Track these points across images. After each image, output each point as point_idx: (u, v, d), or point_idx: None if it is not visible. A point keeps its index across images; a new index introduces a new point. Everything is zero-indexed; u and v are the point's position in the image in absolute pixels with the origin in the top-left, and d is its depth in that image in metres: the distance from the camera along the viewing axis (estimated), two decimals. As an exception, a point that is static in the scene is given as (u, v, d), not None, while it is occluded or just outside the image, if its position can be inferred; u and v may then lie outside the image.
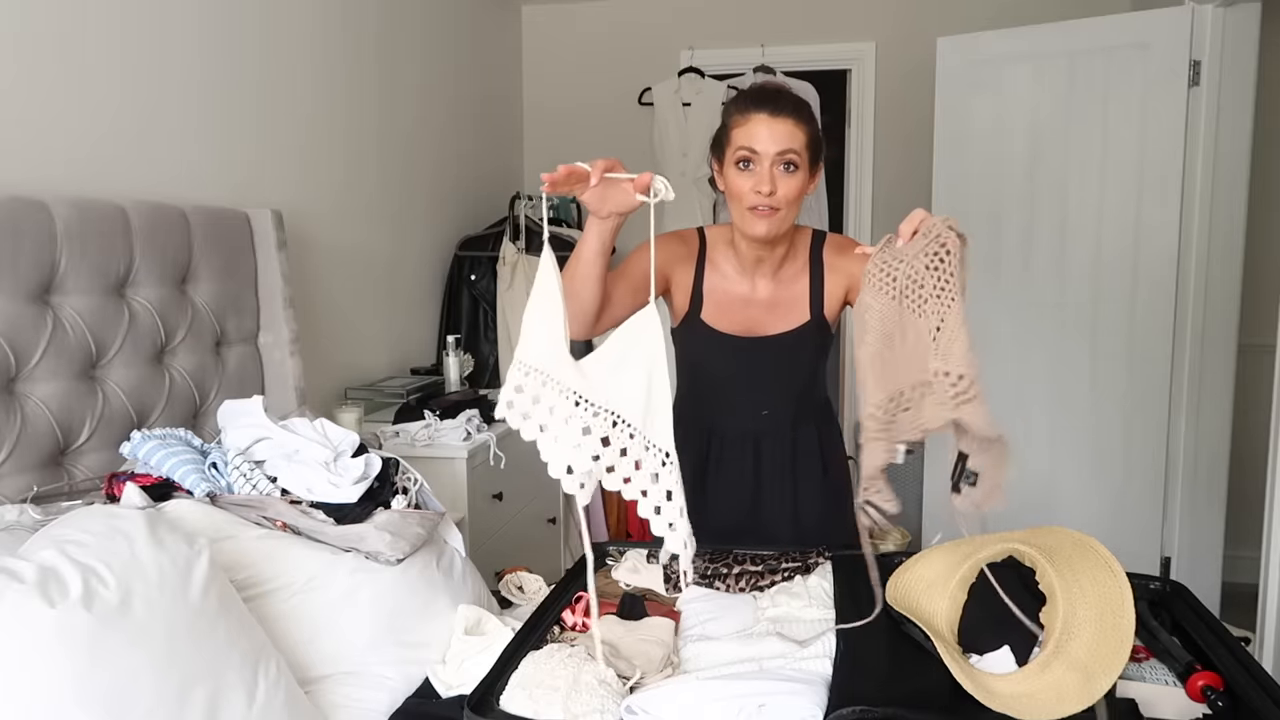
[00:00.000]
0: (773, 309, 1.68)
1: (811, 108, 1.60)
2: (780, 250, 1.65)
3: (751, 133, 1.52)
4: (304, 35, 2.60)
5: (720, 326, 1.68)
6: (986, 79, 3.28)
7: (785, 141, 1.50)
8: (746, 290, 1.68)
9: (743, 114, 1.54)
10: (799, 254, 1.68)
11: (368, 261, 2.97)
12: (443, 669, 1.46)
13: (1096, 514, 3.22)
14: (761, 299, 1.68)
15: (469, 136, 3.72)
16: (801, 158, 1.52)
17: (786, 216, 1.56)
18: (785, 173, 1.52)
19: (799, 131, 1.52)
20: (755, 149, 1.52)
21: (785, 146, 1.51)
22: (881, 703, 1.06)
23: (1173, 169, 3.00)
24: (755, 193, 1.52)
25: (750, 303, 1.68)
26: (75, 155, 1.84)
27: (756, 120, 1.51)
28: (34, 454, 1.56)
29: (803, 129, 1.52)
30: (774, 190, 1.52)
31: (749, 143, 1.52)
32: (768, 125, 1.51)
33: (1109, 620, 1.11)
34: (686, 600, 1.47)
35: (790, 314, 1.67)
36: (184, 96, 2.13)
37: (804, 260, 1.68)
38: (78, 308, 1.65)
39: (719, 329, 1.68)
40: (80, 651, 1.02)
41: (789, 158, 1.51)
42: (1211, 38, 2.90)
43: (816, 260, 1.67)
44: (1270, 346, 2.24)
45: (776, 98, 1.53)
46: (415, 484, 1.71)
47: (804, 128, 1.52)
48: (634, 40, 4.11)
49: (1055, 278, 3.26)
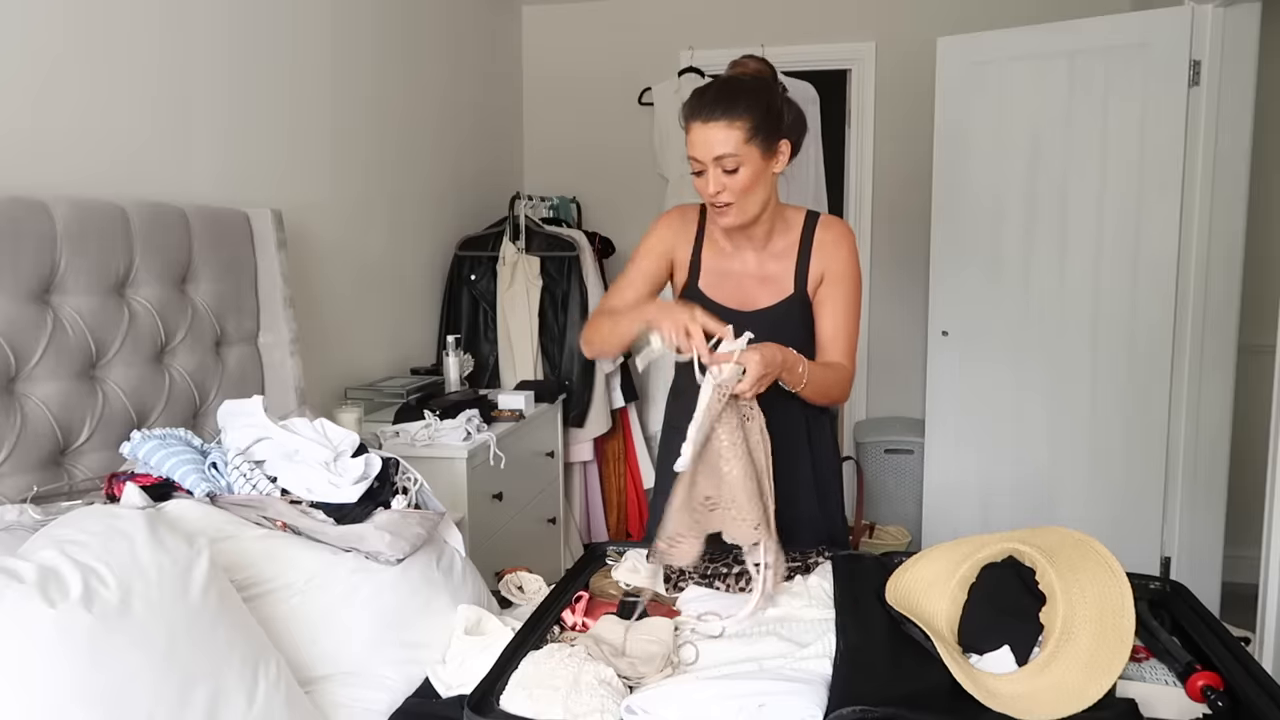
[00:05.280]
0: (762, 282, 1.75)
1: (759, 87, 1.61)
2: (762, 228, 1.72)
3: (693, 141, 1.59)
4: (304, 36, 2.60)
5: (717, 297, 1.75)
6: (986, 79, 3.28)
7: (718, 147, 1.57)
8: (738, 263, 1.76)
9: (685, 123, 1.61)
10: (789, 231, 1.75)
11: (368, 261, 2.97)
12: (443, 669, 1.46)
13: (1096, 514, 3.22)
14: (751, 271, 1.75)
15: (469, 136, 3.72)
16: (741, 155, 1.57)
17: (745, 205, 1.63)
18: (727, 174, 1.59)
19: (733, 131, 1.55)
20: (697, 157, 1.60)
21: (718, 152, 1.57)
22: (881, 703, 1.06)
23: (1173, 169, 3.01)
24: (707, 194, 1.62)
25: (742, 275, 1.76)
26: (75, 155, 1.84)
27: (693, 129, 1.58)
28: (34, 454, 1.56)
29: (739, 125, 1.55)
30: (720, 190, 1.60)
31: (692, 151, 1.60)
32: (702, 133, 1.57)
33: (1109, 620, 1.12)
34: (686, 600, 1.47)
35: (776, 287, 1.74)
36: (184, 97, 2.13)
37: (794, 237, 1.74)
38: (78, 308, 1.65)
39: (715, 299, 1.75)
40: (80, 651, 1.02)
41: (726, 164, 1.58)
42: (1211, 38, 2.90)
43: (808, 235, 1.74)
44: (1270, 347, 2.24)
45: (708, 102, 1.57)
46: (415, 484, 1.71)
47: (739, 122, 1.55)
48: (634, 40, 4.11)
49: (1055, 277, 3.26)
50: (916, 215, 3.79)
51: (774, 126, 1.60)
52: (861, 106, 4.00)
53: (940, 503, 3.58)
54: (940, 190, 3.45)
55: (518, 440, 2.80)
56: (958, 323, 3.46)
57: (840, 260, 1.72)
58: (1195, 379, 3.07)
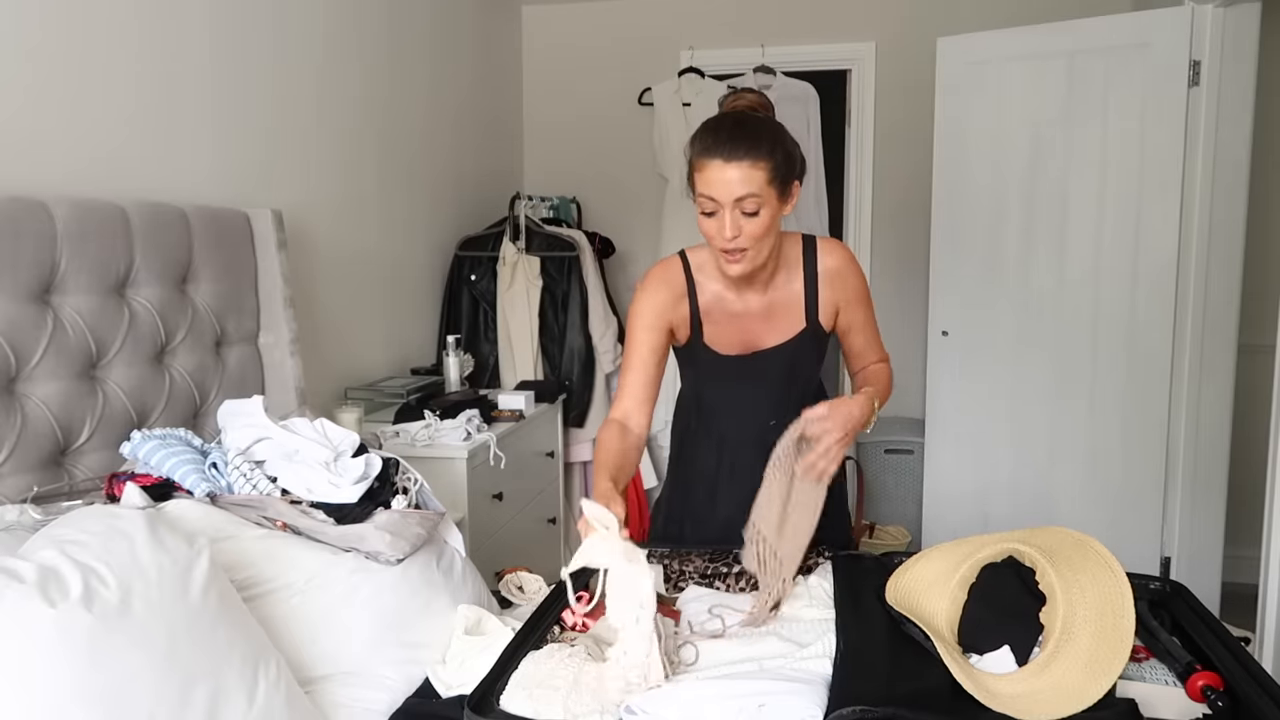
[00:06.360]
0: (768, 319, 1.68)
1: (776, 127, 1.54)
2: (766, 269, 1.63)
3: (709, 180, 1.47)
4: (304, 36, 2.60)
5: (720, 348, 1.68)
6: (986, 79, 3.28)
7: (742, 188, 1.45)
8: (740, 304, 1.67)
9: (700, 159, 1.49)
10: (789, 261, 1.66)
11: (368, 261, 2.97)
12: (443, 669, 1.46)
13: (1096, 514, 3.22)
14: (755, 311, 1.67)
15: (469, 136, 3.72)
16: (763, 196, 1.47)
17: (759, 251, 1.54)
18: (747, 216, 1.48)
19: (756, 171, 1.45)
20: (714, 196, 1.48)
21: (743, 193, 1.46)
22: (881, 703, 1.06)
23: (1173, 169, 3.01)
24: (721, 238, 1.50)
25: (745, 315, 1.67)
26: (75, 155, 1.84)
27: (712, 167, 1.46)
28: (34, 454, 1.56)
29: (762, 165, 1.45)
30: (738, 234, 1.49)
31: (708, 190, 1.48)
32: (722, 172, 1.45)
33: (1109, 620, 1.12)
34: (686, 600, 1.47)
35: (785, 323, 1.68)
36: (185, 97, 2.13)
37: (796, 267, 1.66)
38: (78, 308, 1.65)
39: (719, 350, 1.68)
40: (80, 651, 1.02)
41: (747, 206, 1.47)
42: (1211, 38, 2.90)
43: (810, 266, 1.66)
44: (1270, 346, 2.24)
45: (731, 139, 1.46)
46: (415, 484, 1.71)
47: (763, 163, 1.46)
48: (634, 40, 4.11)
49: (1055, 277, 3.26)
50: (916, 215, 3.79)
51: (791, 167, 1.52)
52: (861, 106, 4.00)
53: (940, 503, 3.58)
54: (940, 190, 3.44)
55: (518, 440, 2.80)
56: (958, 323, 3.46)
57: (853, 288, 1.69)
58: (1195, 379, 3.07)
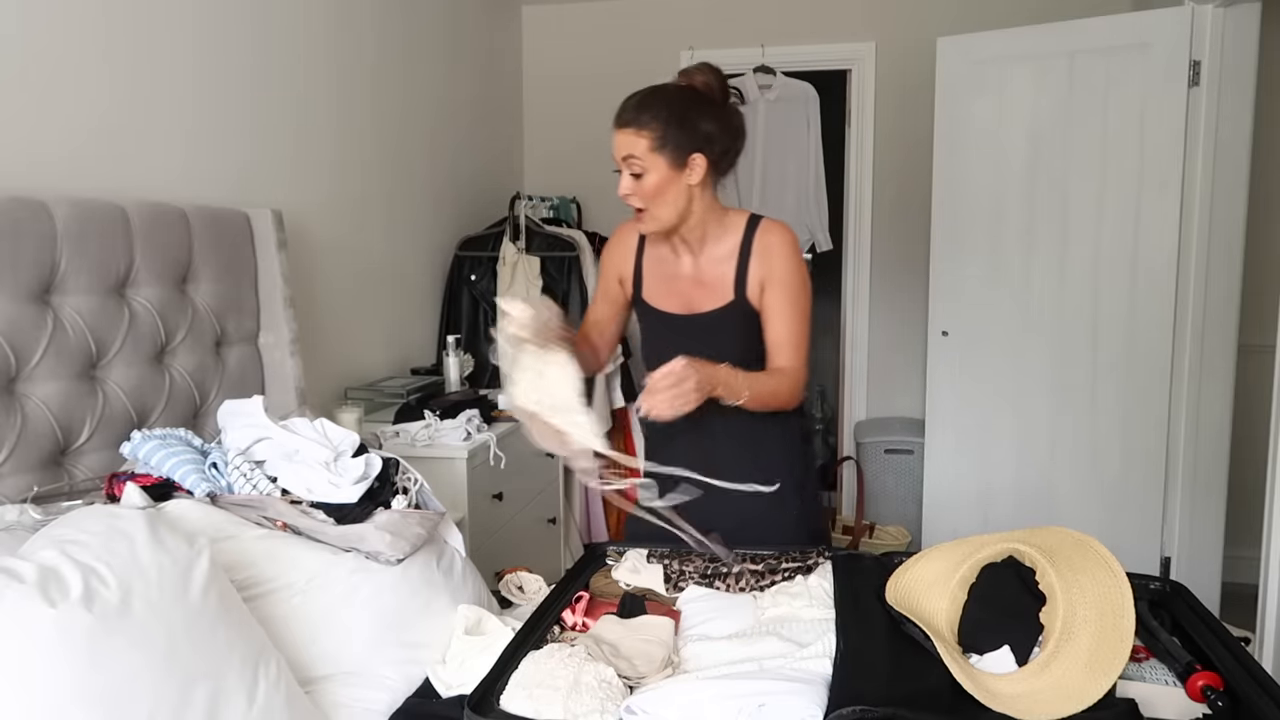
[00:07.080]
0: (700, 284, 1.75)
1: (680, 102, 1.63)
2: (694, 234, 1.72)
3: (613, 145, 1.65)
4: (305, 36, 2.60)
5: (659, 304, 1.78)
6: (986, 79, 3.28)
7: (623, 149, 1.62)
8: (675, 266, 1.78)
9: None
10: (728, 236, 1.73)
11: (368, 261, 2.97)
12: (443, 669, 1.46)
13: (1096, 514, 3.23)
14: (688, 274, 1.76)
15: (469, 136, 3.72)
16: (645, 160, 1.61)
17: (658, 212, 1.66)
18: (634, 178, 1.63)
19: (638, 138, 1.60)
20: (613, 156, 1.65)
21: (624, 154, 1.62)
22: (881, 703, 1.06)
23: (1173, 169, 3.01)
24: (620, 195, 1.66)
25: (679, 277, 1.77)
26: (75, 155, 1.84)
27: (614, 134, 1.64)
28: (34, 454, 1.56)
29: (644, 133, 1.60)
30: (629, 193, 1.64)
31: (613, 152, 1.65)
32: (616, 136, 1.64)
33: (1109, 620, 1.12)
34: (686, 600, 1.47)
35: (715, 293, 1.74)
36: (185, 96, 2.13)
37: (734, 243, 1.73)
38: (78, 308, 1.65)
39: (658, 306, 1.78)
40: (80, 652, 1.02)
41: (631, 167, 1.62)
42: (1211, 38, 2.90)
43: (747, 241, 1.72)
44: (1270, 346, 2.24)
45: (624, 107, 1.63)
46: (415, 484, 1.71)
47: (645, 130, 1.60)
48: (634, 40, 4.11)
49: (1055, 277, 3.26)
50: (916, 215, 3.79)
51: (685, 139, 1.61)
52: (861, 106, 4.00)
53: (940, 503, 3.58)
54: (940, 190, 3.45)
55: (518, 440, 2.79)
56: (958, 323, 3.46)
57: (779, 265, 1.69)
58: (1195, 379, 3.07)
